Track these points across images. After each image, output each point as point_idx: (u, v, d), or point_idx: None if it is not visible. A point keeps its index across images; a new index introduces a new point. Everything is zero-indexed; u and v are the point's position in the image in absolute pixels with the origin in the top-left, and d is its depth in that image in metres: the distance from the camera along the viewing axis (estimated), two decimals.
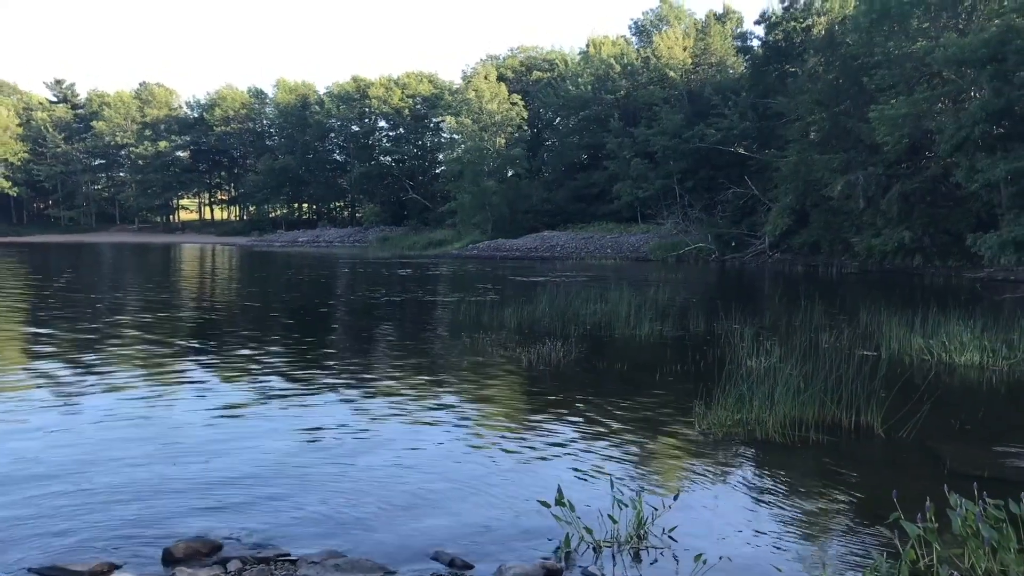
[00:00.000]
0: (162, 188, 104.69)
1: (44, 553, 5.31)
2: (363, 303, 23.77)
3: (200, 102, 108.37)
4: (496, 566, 5.16)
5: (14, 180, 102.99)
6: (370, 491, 6.64)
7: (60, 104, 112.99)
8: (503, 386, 11.44)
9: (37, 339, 15.95)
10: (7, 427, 8.65)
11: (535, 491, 6.60)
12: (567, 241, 57.52)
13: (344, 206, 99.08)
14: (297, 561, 5.28)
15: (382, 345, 15.76)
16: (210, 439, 8.25)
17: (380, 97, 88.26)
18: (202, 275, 39.60)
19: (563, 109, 70.34)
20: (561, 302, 18.75)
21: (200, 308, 22.79)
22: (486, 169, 66.45)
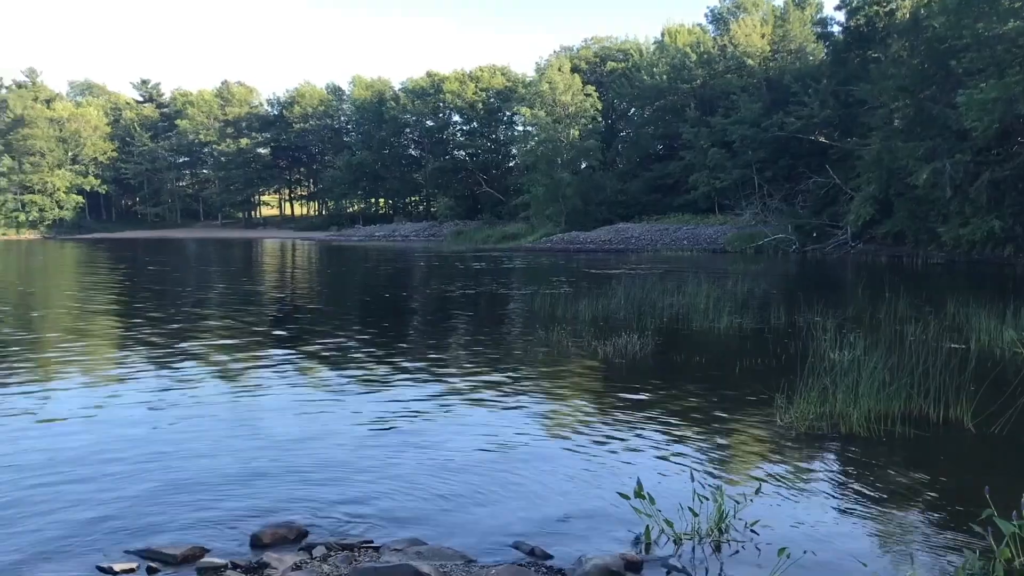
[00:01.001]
0: (244, 184, 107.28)
1: (138, 537, 5.50)
2: (438, 296, 23.99)
3: (279, 99, 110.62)
4: (575, 557, 5.17)
5: (103, 178, 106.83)
6: (449, 480, 6.72)
7: (146, 104, 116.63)
8: (579, 379, 11.43)
9: (126, 331, 16.52)
10: (97, 416, 9.00)
11: (613, 483, 6.60)
12: (642, 233, 57.02)
13: (419, 201, 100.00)
14: (380, 548, 5.37)
15: (457, 337, 15.90)
16: (292, 427, 8.46)
17: (454, 91, 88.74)
18: (283, 269, 40.48)
19: (638, 99, 69.72)
20: (637, 295, 18.63)
21: (282, 301, 23.31)
22: (560, 161, 66.26)
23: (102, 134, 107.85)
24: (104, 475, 6.80)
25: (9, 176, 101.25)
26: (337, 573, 4.95)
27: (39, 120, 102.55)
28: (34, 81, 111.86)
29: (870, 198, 42.88)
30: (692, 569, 5.12)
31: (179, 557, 5.14)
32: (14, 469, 6.93)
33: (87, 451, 7.51)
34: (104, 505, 6.09)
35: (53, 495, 6.29)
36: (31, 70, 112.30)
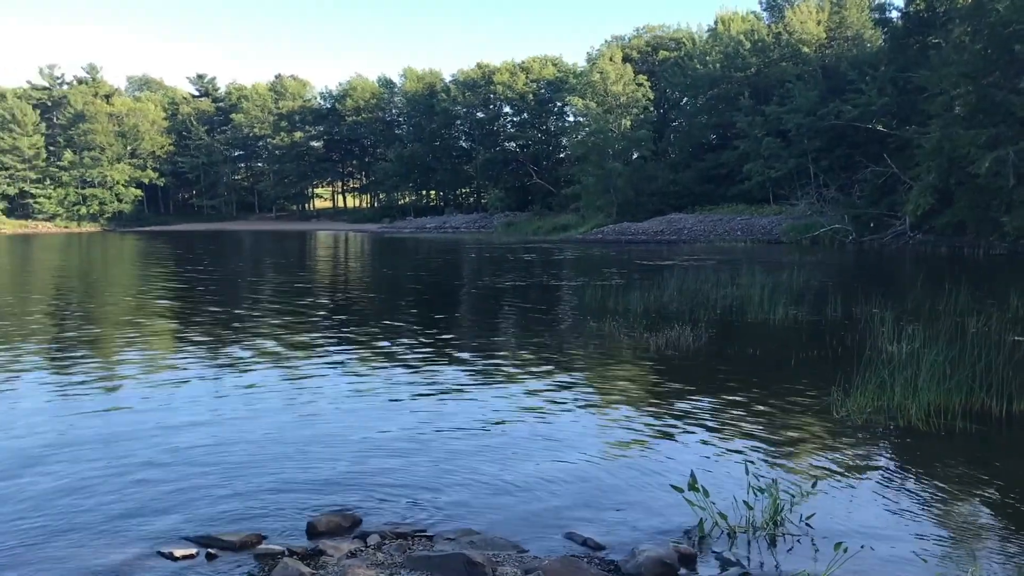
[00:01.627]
0: (298, 177, 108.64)
1: (197, 523, 5.62)
2: (489, 287, 24.05)
3: (332, 93, 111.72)
4: (628, 548, 5.16)
5: (161, 171, 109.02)
6: (502, 471, 6.74)
7: (202, 98, 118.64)
8: (631, 370, 11.38)
9: (185, 320, 16.85)
10: (156, 404, 9.21)
11: (666, 476, 6.57)
12: (695, 224, 56.48)
13: (470, 192, 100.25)
14: (433, 537, 5.42)
15: (508, 329, 15.93)
16: (347, 417, 8.56)
17: (505, 83, 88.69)
18: (336, 261, 40.94)
19: (690, 88, 68.99)
20: (690, 286, 18.49)
21: (335, 290, 23.58)
22: (611, 152, 65.90)
23: (159, 128, 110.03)
24: (165, 462, 6.96)
25: (70, 170, 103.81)
26: (391, 561, 5.00)
27: (99, 115, 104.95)
28: (94, 77, 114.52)
29: (929, 187, 41.87)
30: (746, 562, 5.08)
31: (237, 543, 5.24)
32: (77, 455, 7.13)
33: (148, 438, 7.69)
34: (165, 491, 6.23)
35: (115, 481, 6.45)
36: (91, 66, 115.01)
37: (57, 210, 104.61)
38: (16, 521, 5.60)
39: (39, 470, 6.70)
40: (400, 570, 4.84)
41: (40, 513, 5.74)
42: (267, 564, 4.95)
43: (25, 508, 5.84)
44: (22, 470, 6.71)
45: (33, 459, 7.01)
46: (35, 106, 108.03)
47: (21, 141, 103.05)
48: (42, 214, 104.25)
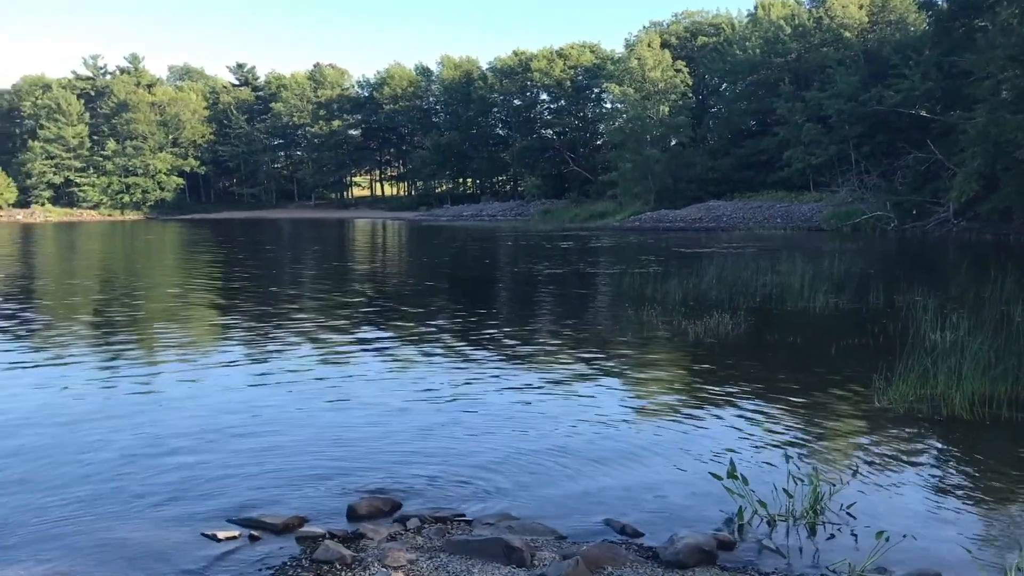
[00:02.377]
0: (336, 166, 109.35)
1: (240, 506, 5.71)
2: (526, 275, 24.06)
3: (369, 81, 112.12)
4: (667, 535, 5.15)
5: (202, 160, 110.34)
6: (540, 457, 6.76)
7: (242, 87, 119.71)
8: (669, 358, 11.34)
9: (226, 307, 17.08)
10: (199, 389, 9.35)
11: (705, 463, 6.55)
12: (733, 211, 55.99)
13: (506, 180, 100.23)
14: (472, 522, 5.46)
15: (545, 316, 15.93)
16: (386, 402, 8.63)
17: (542, 70, 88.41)
18: (374, 248, 41.20)
19: (730, 74, 68.34)
20: (729, 274, 18.34)
21: (373, 278, 23.74)
22: (649, 138, 65.52)
23: (200, 117, 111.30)
24: (208, 445, 7.07)
25: (114, 159, 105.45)
26: (430, 545, 5.04)
27: (141, 105, 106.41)
28: (136, 67, 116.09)
29: (974, 173, 41.05)
30: (786, 551, 5.05)
31: (279, 526, 5.32)
32: (121, 438, 7.26)
33: (190, 421, 7.82)
34: (208, 474, 6.33)
35: (158, 464, 6.57)
36: (133, 56, 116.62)
37: (101, 198, 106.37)
38: (59, 503, 5.72)
39: (82, 453, 6.83)
40: (439, 554, 4.88)
41: (84, 496, 5.86)
42: (309, 546, 5.02)
43: (69, 490, 5.96)
44: (65, 453, 6.85)
45: (76, 442, 7.16)
46: (79, 96, 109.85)
47: (66, 130, 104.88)
48: (86, 202, 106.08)
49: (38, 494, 5.88)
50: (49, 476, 6.26)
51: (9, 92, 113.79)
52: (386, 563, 4.67)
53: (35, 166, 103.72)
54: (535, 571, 4.63)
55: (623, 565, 4.75)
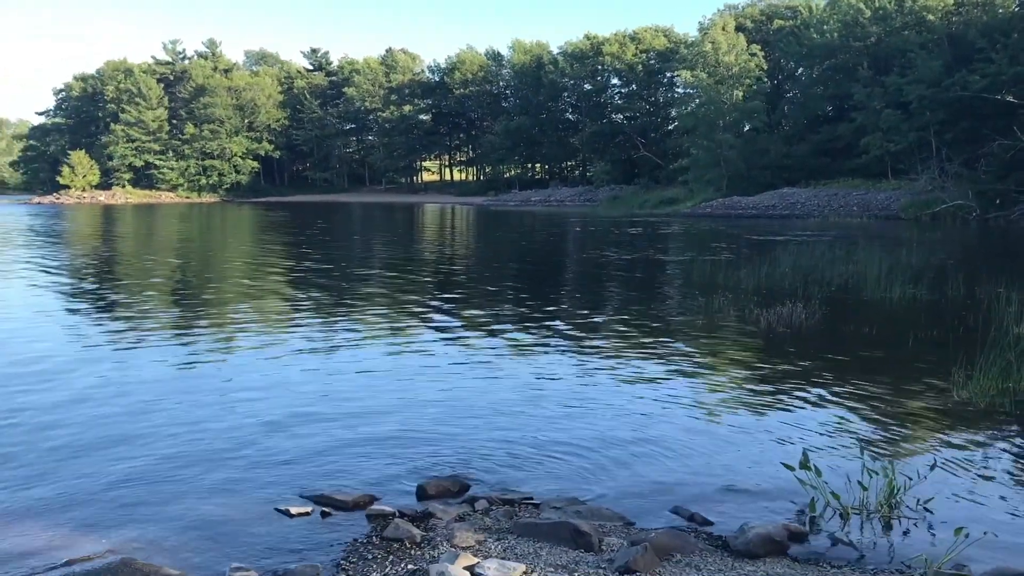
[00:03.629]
0: (407, 150, 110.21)
1: (312, 483, 5.82)
2: (593, 261, 23.96)
3: (440, 66, 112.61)
4: (736, 524, 5.09)
5: (276, 144, 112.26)
6: (609, 443, 6.74)
7: (316, 72, 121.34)
8: (740, 347, 11.18)
9: (298, 288, 17.37)
10: (272, 370, 9.55)
11: (776, 453, 6.46)
12: (808, 198, 54.82)
13: (575, 165, 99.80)
14: (540, 505, 5.47)
15: (613, 302, 15.85)
16: (452, 384, 8.71)
17: (613, 54, 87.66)
18: (443, 233, 41.47)
19: (806, 59, 66.82)
20: (803, 262, 18.00)
21: (441, 262, 23.92)
22: (721, 124, 64.45)
23: (275, 102, 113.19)
24: (281, 425, 7.21)
25: (191, 143, 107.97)
26: (498, 527, 5.07)
27: (218, 89, 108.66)
28: (214, 52, 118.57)
29: None
30: (859, 544, 4.95)
31: (350, 503, 5.41)
32: (199, 414, 7.46)
33: (264, 401, 7.99)
34: (282, 453, 6.47)
35: (234, 439, 6.74)
36: (211, 41, 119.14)
37: (179, 181, 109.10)
38: (136, 476, 5.90)
39: (159, 430, 7.03)
40: (507, 535, 4.90)
41: (160, 469, 6.04)
42: (379, 524, 5.09)
43: (145, 463, 6.15)
44: (142, 427, 7.07)
45: (152, 418, 7.38)
46: (159, 80, 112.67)
47: (146, 114, 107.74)
48: (165, 184, 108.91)
49: (115, 467, 6.08)
50: (125, 450, 6.46)
51: (93, 77, 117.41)
52: (455, 543, 4.71)
53: (117, 149, 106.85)
54: (603, 556, 4.62)
55: (692, 553, 4.71)
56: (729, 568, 4.55)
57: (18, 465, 6.06)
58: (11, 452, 6.33)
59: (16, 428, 6.96)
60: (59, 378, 8.82)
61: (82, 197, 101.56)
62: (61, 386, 8.45)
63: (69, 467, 6.03)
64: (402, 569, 4.45)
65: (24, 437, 6.71)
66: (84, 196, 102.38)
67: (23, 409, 7.53)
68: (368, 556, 4.65)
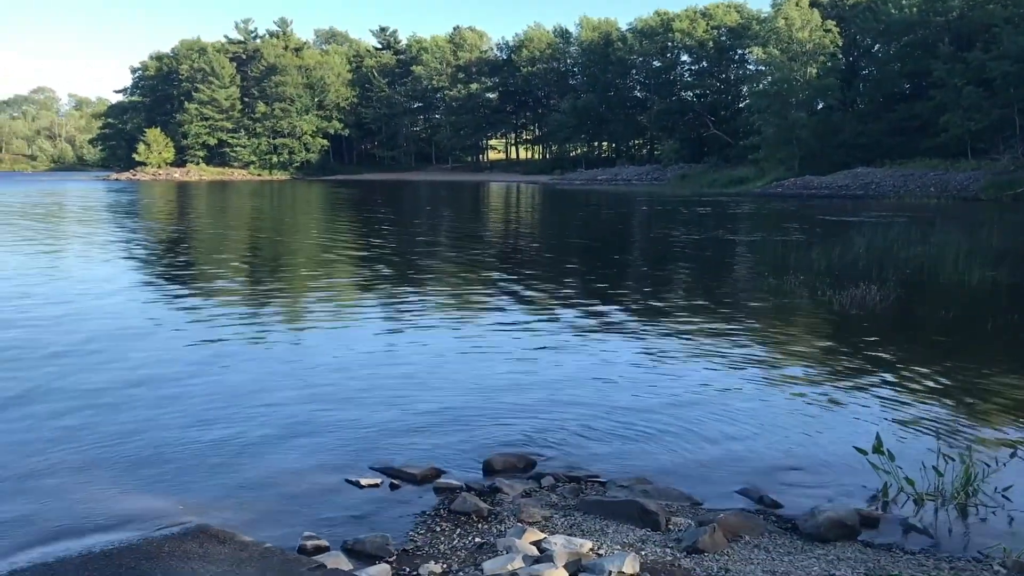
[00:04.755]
0: (473, 129, 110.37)
1: (381, 455, 5.91)
2: (661, 241, 23.75)
3: (508, 44, 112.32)
4: (806, 507, 5.02)
5: (345, 122, 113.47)
6: (678, 423, 6.70)
7: (384, 51, 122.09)
8: (812, 328, 10.99)
9: (366, 263, 17.59)
10: (341, 345, 9.70)
11: (848, 437, 6.34)
12: (883, 178, 53.39)
13: (642, 144, 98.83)
14: (606, 483, 5.47)
15: (681, 283, 15.70)
16: (519, 361, 8.74)
17: (683, 30, 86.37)
18: (508, 212, 41.52)
19: (883, 35, 64.92)
20: (877, 243, 17.58)
21: (506, 240, 23.96)
22: (794, 101, 63.09)
23: (344, 80, 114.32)
24: (350, 398, 7.34)
25: (263, 121, 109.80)
26: (564, 503, 5.09)
27: (289, 68, 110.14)
28: (284, 31, 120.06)
29: None
30: (934, 531, 4.84)
31: (418, 476, 5.48)
32: (268, 389, 7.62)
33: (334, 374, 8.14)
34: (351, 425, 6.58)
35: (306, 412, 6.87)
36: (282, 20, 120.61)
37: (251, 158, 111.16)
38: (212, 449, 6.06)
39: (232, 402, 7.21)
40: (573, 512, 4.92)
41: (235, 442, 6.19)
42: (446, 497, 5.16)
43: (221, 436, 6.31)
44: (217, 401, 7.25)
45: (226, 390, 7.57)
46: (231, 59, 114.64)
47: (218, 93, 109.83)
48: (237, 162, 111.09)
49: (191, 437, 6.25)
50: (201, 421, 6.64)
51: (168, 56, 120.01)
52: (521, 518, 4.75)
53: (190, 127, 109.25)
54: (670, 535, 4.61)
55: (761, 535, 4.67)
56: (798, 551, 4.50)
57: (99, 434, 6.27)
58: (92, 421, 6.56)
59: (96, 398, 7.20)
60: (136, 350, 9.11)
61: (157, 174, 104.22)
62: (138, 357, 8.72)
63: (147, 436, 6.22)
64: (469, 542, 4.50)
65: (102, 407, 6.94)
66: (159, 173, 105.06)
67: (104, 379, 7.80)
68: (436, 528, 4.71)
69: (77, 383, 7.63)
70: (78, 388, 7.46)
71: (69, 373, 7.98)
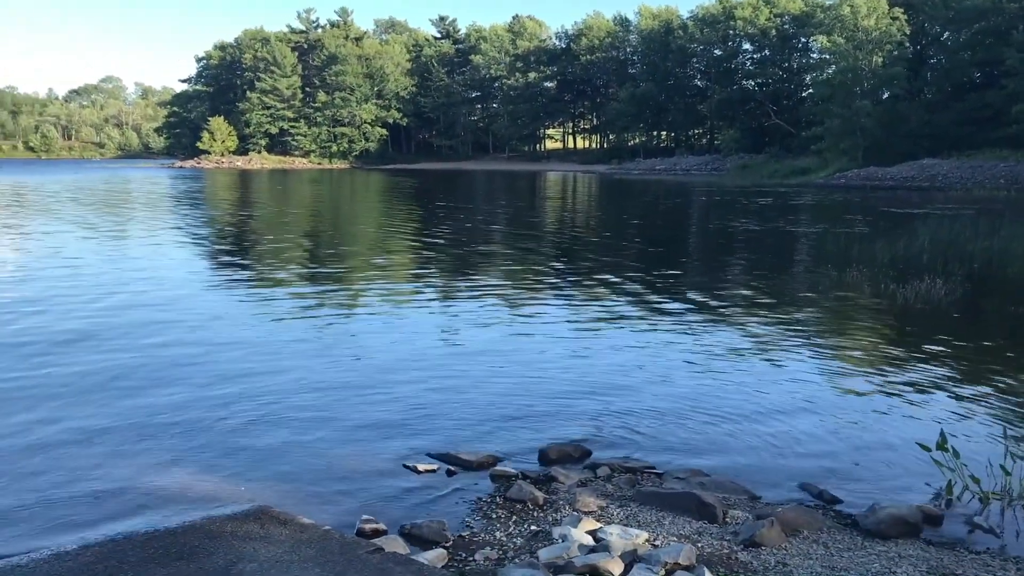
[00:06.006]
0: (530, 118, 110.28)
1: (438, 441, 5.97)
2: (720, 232, 23.48)
3: (567, 32, 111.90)
4: (867, 503, 4.95)
5: (403, 112, 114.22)
6: (733, 417, 6.64)
7: (443, 40, 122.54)
8: (874, 322, 10.78)
9: (426, 249, 17.71)
10: (400, 333, 9.79)
11: (911, 433, 6.21)
12: (950, 170, 51.97)
13: (702, 133, 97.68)
14: (663, 475, 5.45)
15: (740, 274, 15.51)
16: (574, 351, 8.73)
17: (746, 18, 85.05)
18: (564, 201, 41.41)
19: (953, 22, 63.06)
20: (943, 237, 17.15)
21: (562, 230, 23.92)
22: (859, 91, 61.69)
23: (403, 70, 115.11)
24: (407, 383, 7.41)
25: (323, 110, 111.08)
26: (620, 494, 5.09)
27: (349, 57, 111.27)
28: (345, 20, 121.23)
29: None
30: (1000, 531, 4.73)
31: (475, 463, 5.53)
32: (329, 374, 7.73)
33: (393, 360, 8.23)
34: (409, 411, 6.66)
35: (364, 399, 6.96)
36: (343, 10, 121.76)
37: (311, 147, 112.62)
38: (273, 432, 6.17)
39: (293, 386, 7.33)
40: (629, 503, 4.91)
41: (295, 425, 6.31)
42: (502, 484, 5.19)
43: (281, 420, 6.43)
44: (278, 385, 7.37)
45: (287, 376, 7.69)
46: (293, 48, 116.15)
47: (280, 82, 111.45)
48: (298, 150, 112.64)
49: (252, 420, 6.38)
50: (262, 404, 6.76)
51: (232, 45, 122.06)
52: (577, 507, 4.76)
53: (253, 116, 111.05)
54: (727, 528, 4.58)
55: (820, 530, 4.61)
56: (858, 547, 4.43)
57: (163, 418, 6.43)
58: (157, 405, 6.73)
59: (161, 382, 7.39)
60: (197, 334, 9.32)
61: (220, 162, 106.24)
62: (202, 343, 8.92)
63: (209, 420, 6.36)
64: (525, 529, 4.53)
65: (166, 390, 7.11)
66: (222, 161, 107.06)
67: (168, 362, 7.99)
68: (492, 515, 4.75)
69: (146, 367, 7.83)
70: (145, 372, 7.66)
71: (140, 358, 8.20)
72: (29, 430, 6.01)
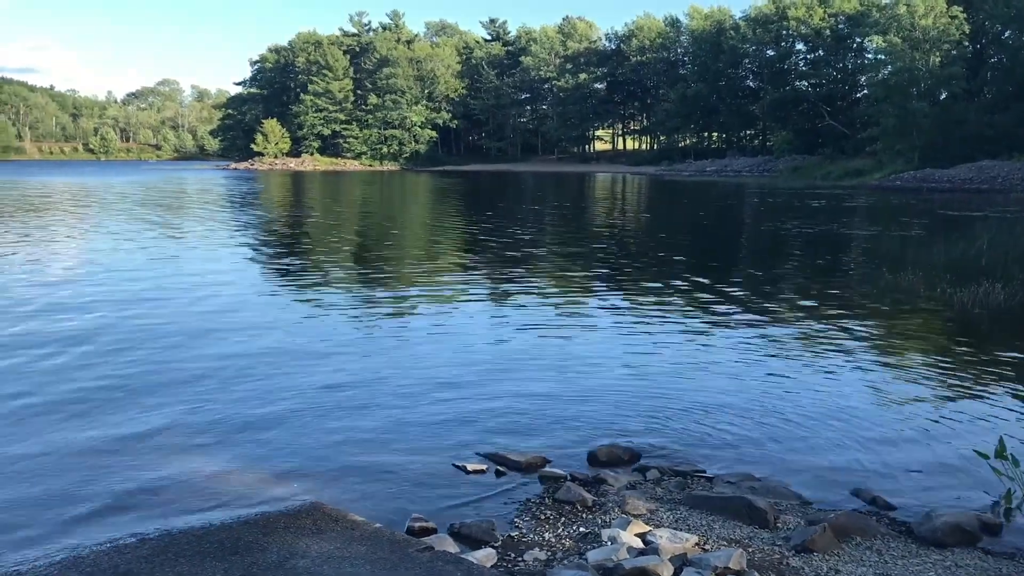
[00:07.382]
0: (580, 120, 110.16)
1: (488, 442, 6.00)
2: (772, 234, 23.20)
3: (618, 34, 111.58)
4: (921, 511, 4.86)
5: (453, 114, 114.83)
6: (784, 421, 6.56)
7: (493, 42, 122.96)
8: (930, 327, 10.58)
9: (474, 250, 17.77)
10: (447, 333, 9.84)
11: (968, 440, 6.09)
12: (1010, 172, 50.72)
13: (754, 135, 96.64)
14: (713, 479, 5.41)
15: (793, 277, 15.32)
16: (623, 353, 8.70)
17: (799, 18, 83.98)
18: (614, 202, 41.26)
19: (1015, 20, 61.49)
20: (1003, 240, 16.74)
21: (612, 232, 23.83)
22: (916, 92, 60.51)
23: (453, 72, 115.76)
24: (457, 384, 7.46)
25: (374, 113, 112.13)
26: (670, 497, 5.06)
27: (400, 60, 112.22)
28: (396, 23, 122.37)
29: None
30: None
31: (524, 464, 5.54)
32: (379, 375, 7.80)
33: (442, 360, 8.28)
34: (458, 411, 6.70)
35: (416, 398, 7.02)
36: (395, 13, 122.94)
37: (362, 149, 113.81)
38: (324, 431, 6.25)
39: (344, 385, 7.42)
40: (679, 507, 4.89)
41: (346, 424, 6.37)
42: (551, 486, 5.20)
43: (332, 419, 6.50)
44: (328, 383, 7.47)
45: (337, 375, 7.78)
46: (345, 52, 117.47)
47: (332, 85, 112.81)
48: (349, 153, 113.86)
49: (304, 419, 6.47)
50: (312, 403, 6.85)
51: (286, 48, 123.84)
52: (626, 510, 4.75)
53: (306, 118, 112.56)
54: (778, 533, 4.54)
55: (873, 537, 4.54)
56: (913, 555, 4.36)
57: (219, 415, 6.56)
58: (212, 402, 6.86)
59: (215, 379, 7.53)
60: (250, 333, 9.47)
61: (274, 164, 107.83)
62: (258, 341, 9.06)
63: (263, 418, 6.46)
64: (574, 531, 4.53)
65: (219, 387, 7.25)
66: (276, 163, 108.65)
67: (222, 362, 8.13)
68: (541, 516, 4.76)
69: (201, 365, 7.99)
70: (201, 370, 7.81)
71: (196, 355, 8.37)
72: (93, 427, 6.17)
